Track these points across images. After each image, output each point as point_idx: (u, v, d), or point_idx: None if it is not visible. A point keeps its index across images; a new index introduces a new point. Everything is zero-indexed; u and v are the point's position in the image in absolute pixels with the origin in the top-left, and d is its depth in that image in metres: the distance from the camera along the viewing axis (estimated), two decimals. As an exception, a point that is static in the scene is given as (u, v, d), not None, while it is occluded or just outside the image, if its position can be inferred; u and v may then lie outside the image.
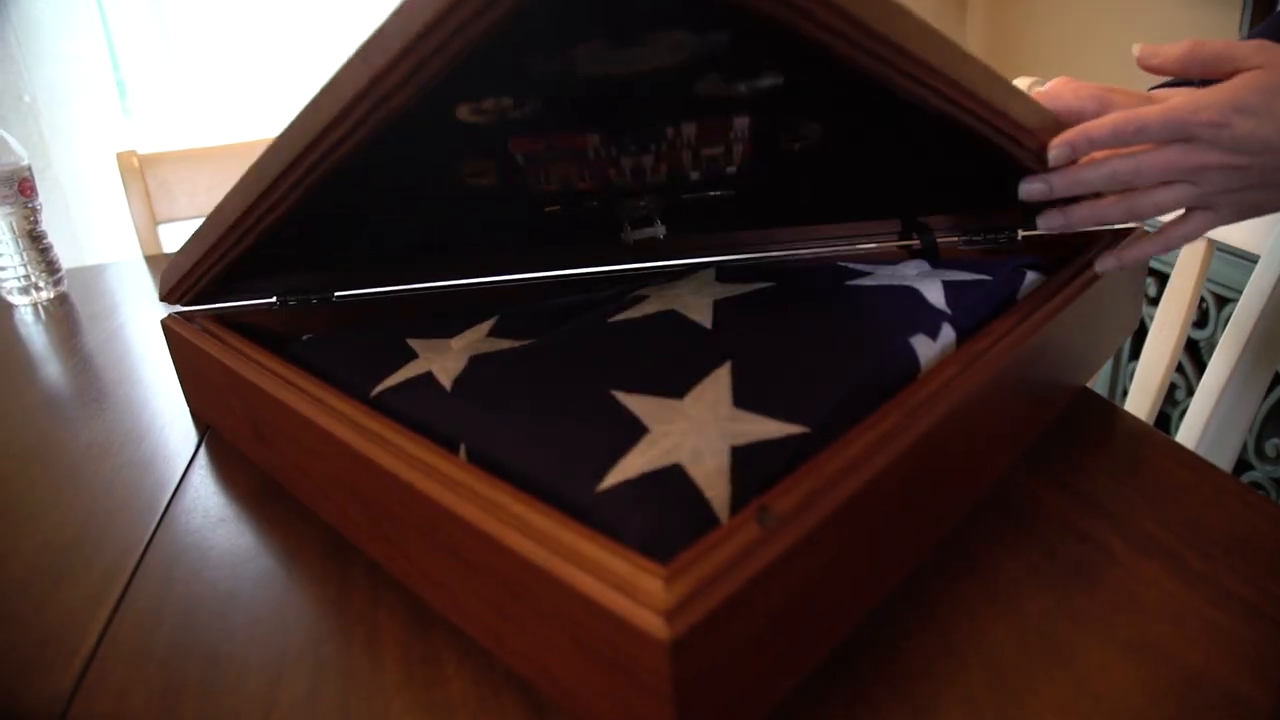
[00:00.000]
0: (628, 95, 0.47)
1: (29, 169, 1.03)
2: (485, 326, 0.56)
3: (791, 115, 0.54)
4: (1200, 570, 0.43)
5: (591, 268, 0.65)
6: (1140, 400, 0.87)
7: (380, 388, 0.51)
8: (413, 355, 0.54)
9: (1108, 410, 0.58)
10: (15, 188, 1.01)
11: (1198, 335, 1.38)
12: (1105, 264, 0.56)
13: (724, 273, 0.56)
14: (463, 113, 0.48)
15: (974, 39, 2.44)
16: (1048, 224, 0.55)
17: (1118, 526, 0.46)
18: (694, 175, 0.57)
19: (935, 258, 0.61)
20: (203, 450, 0.65)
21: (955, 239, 0.63)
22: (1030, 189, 0.53)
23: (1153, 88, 0.63)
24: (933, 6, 2.41)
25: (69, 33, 1.92)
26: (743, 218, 0.64)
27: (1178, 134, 0.48)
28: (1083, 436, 0.55)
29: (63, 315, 1.02)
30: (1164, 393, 0.87)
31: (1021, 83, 1.11)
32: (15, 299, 1.05)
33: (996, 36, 2.36)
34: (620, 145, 0.53)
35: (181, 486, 0.60)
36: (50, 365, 0.88)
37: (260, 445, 0.59)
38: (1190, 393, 1.45)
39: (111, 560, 0.52)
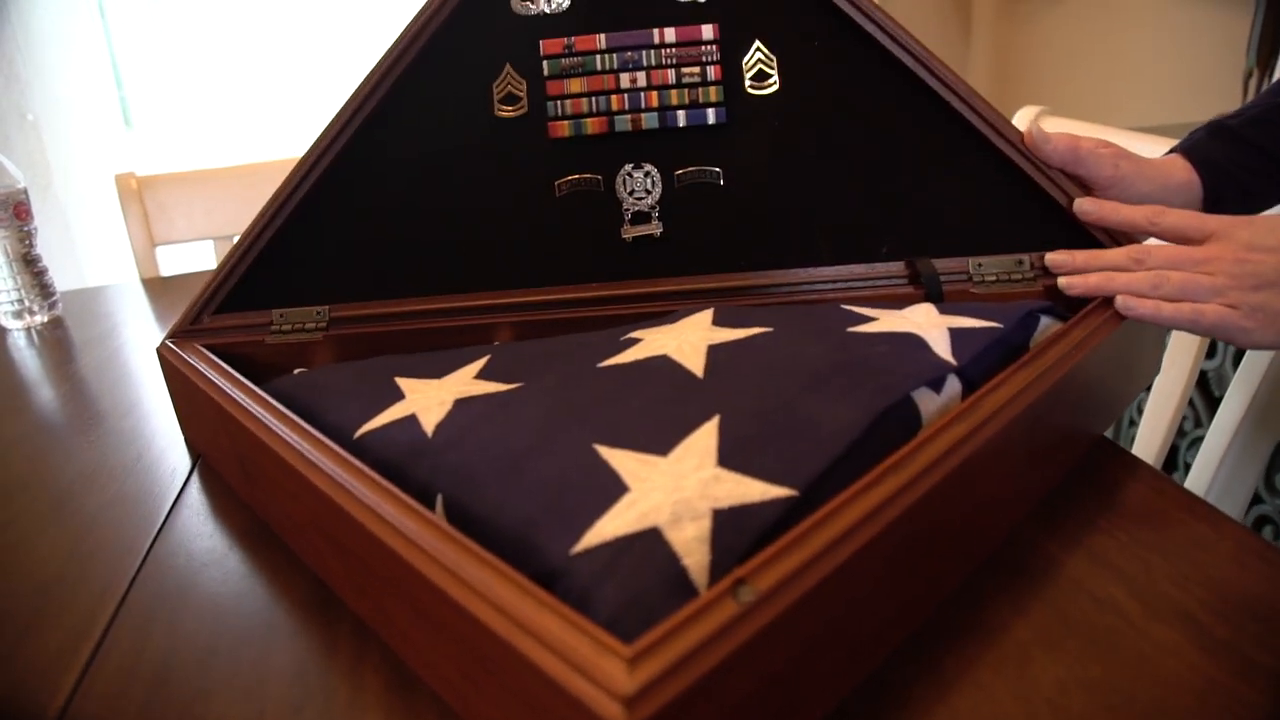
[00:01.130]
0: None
1: (24, 192, 1.02)
2: (474, 367, 0.54)
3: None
4: (1222, 637, 0.41)
5: (593, 280, 0.65)
6: (1151, 437, 0.86)
7: (364, 430, 0.50)
8: (399, 395, 0.52)
9: (1123, 459, 0.56)
10: (11, 211, 1.00)
11: (1207, 365, 1.36)
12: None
13: (721, 314, 0.55)
14: (514, 1, 0.62)
15: (978, 58, 2.43)
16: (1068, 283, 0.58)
17: (1134, 589, 0.44)
18: (680, 115, 0.63)
19: (941, 300, 0.60)
20: (193, 482, 0.63)
21: (965, 281, 0.61)
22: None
23: (1167, 152, 0.64)
24: (937, 26, 2.41)
25: (72, 50, 1.92)
26: (736, 231, 0.64)
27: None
28: (1097, 489, 0.53)
29: (56, 339, 1.00)
30: (1175, 427, 0.85)
31: (1027, 112, 1.10)
32: (8, 323, 1.04)
33: (1001, 56, 2.36)
34: (620, 49, 0.62)
35: (167, 524, 0.58)
36: (42, 391, 0.86)
37: (247, 483, 0.58)
38: (1198, 423, 1.43)
39: (88, 606, 0.50)
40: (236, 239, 1.27)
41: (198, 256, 1.39)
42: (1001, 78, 2.37)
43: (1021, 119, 1.09)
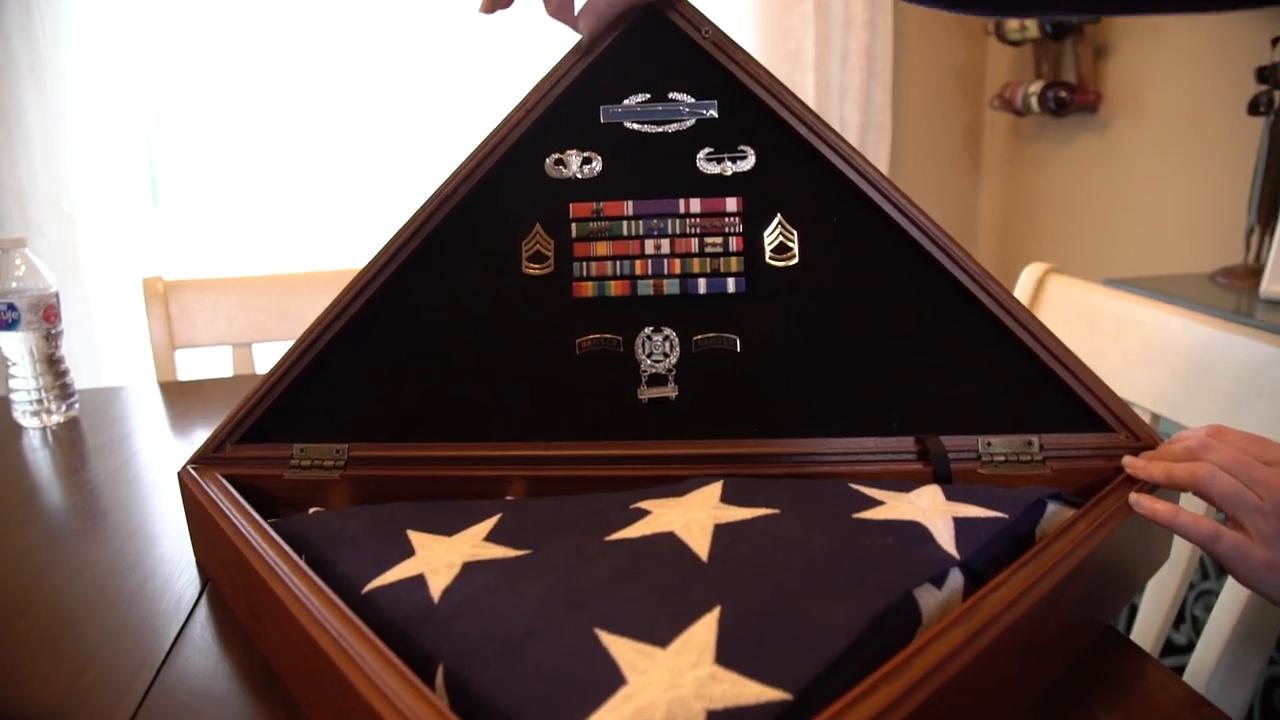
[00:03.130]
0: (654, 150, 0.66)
1: (55, 295, 1.05)
2: (485, 527, 0.55)
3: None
4: None
5: (607, 438, 0.66)
6: (1155, 610, 0.85)
7: (372, 586, 0.51)
8: (409, 551, 0.53)
9: (1129, 653, 0.56)
10: (41, 314, 1.03)
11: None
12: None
13: (730, 487, 0.56)
14: (547, 164, 0.66)
15: (987, 203, 2.50)
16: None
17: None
18: (700, 282, 0.65)
19: (949, 481, 0.61)
20: (200, 610, 0.63)
21: (974, 460, 0.62)
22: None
23: None
24: (948, 172, 2.48)
25: (112, 145, 1.99)
26: (749, 398, 0.66)
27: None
28: (1100, 682, 0.53)
29: (71, 442, 1.01)
30: (1181, 597, 0.85)
31: (1034, 270, 1.13)
32: (25, 421, 1.05)
33: (1010, 198, 2.42)
34: (646, 217, 0.65)
35: (168, 661, 0.58)
36: (53, 499, 0.87)
37: (253, 620, 0.58)
38: (1205, 574, 1.42)
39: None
40: (255, 347, 1.31)
41: (214, 360, 1.41)
42: (1010, 219, 2.43)
43: (1029, 277, 1.12)
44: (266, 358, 1.08)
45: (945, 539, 0.50)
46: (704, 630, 0.41)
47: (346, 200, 2.17)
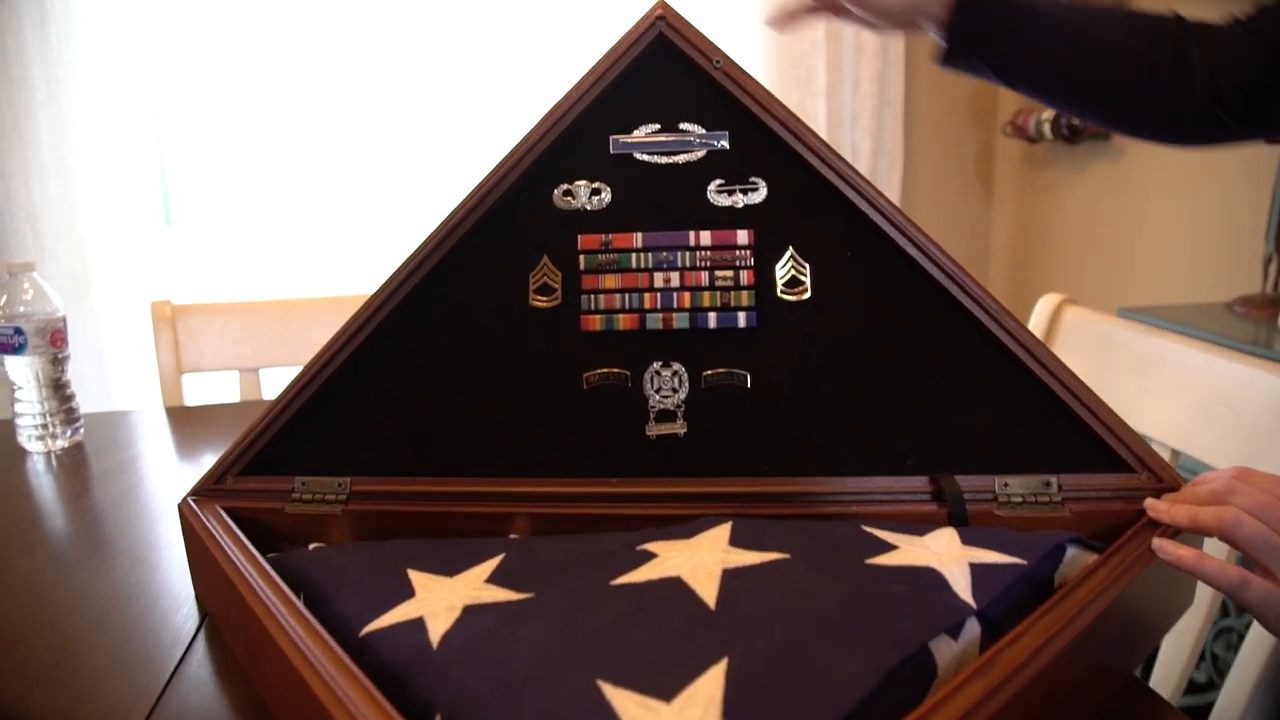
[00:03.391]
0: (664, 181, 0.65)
1: (63, 320, 1.04)
2: (488, 567, 0.54)
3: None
4: None
5: (614, 474, 0.65)
6: (1175, 654, 0.83)
7: (370, 628, 0.50)
8: (409, 592, 0.52)
9: (1149, 702, 0.54)
10: (47, 338, 1.02)
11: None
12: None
13: (738, 532, 0.54)
14: (556, 195, 0.65)
15: (999, 227, 2.48)
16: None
17: None
18: (711, 316, 0.64)
19: (965, 523, 0.59)
20: (198, 645, 0.62)
21: (990, 501, 0.61)
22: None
23: None
24: (960, 199, 2.47)
25: (125, 167, 2.00)
26: (760, 435, 0.65)
27: None
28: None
29: (75, 467, 1.01)
30: (1204, 641, 0.82)
31: (1049, 301, 1.11)
32: (30, 445, 1.05)
33: (1022, 225, 2.41)
34: (656, 249, 0.64)
35: (165, 696, 0.57)
36: (56, 524, 0.86)
37: (250, 657, 0.57)
38: (1226, 611, 1.39)
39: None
40: (262, 372, 1.30)
41: (222, 385, 1.40)
42: (1022, 246, 2.42)
43: (1043, 308, 1.11)
44: (274, 383, 1.08)
45: (961, 586, 0.48)
46: (710, 683, 0.40)
47: (360, 222, 2.17)
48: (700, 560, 0.50)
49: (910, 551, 0.51)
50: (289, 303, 1.31)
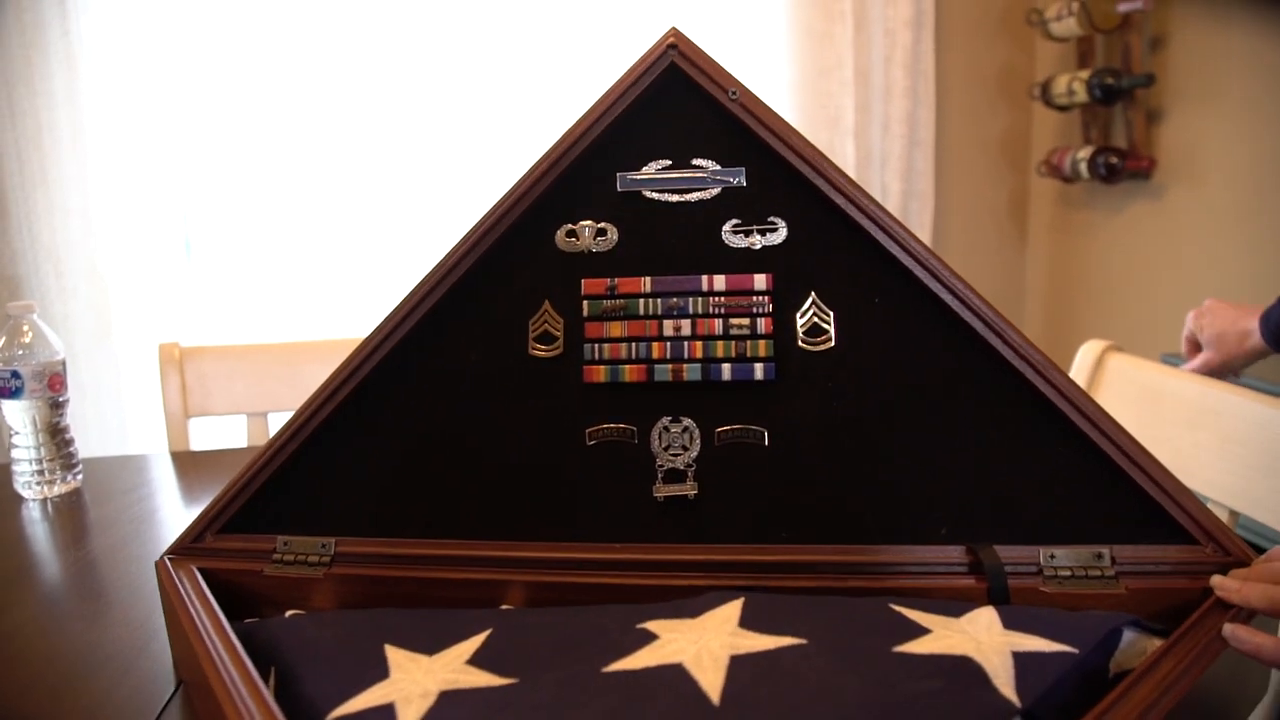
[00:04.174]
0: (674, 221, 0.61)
1: (62, 364, 1.02)
2: (471, 645, 0.49)
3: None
4: None
5: (617, 540, 0.60)
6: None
7: (337, 713, 0.45)
8: (384, 673, 0.48)
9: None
10: (45, 382, 1.00)
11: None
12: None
13: (751, 607, 0.49)
14: (558, 236, 0.61)
15: (1034, 273, 2.42)
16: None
17: None
18: (725, 368, 0.59)
19: (1006, 600, 0.53)
20: (172, 712, 0.58)
21: (1035, 575, 0.55)
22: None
23: None
24: (993, 241, 2.41)
25: (146, 205, 2.01)
26: (777, 498, 0.60)
27: None
28: None
29: (71, 514, 0.98)
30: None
31: (1092, 348, 1.05)
32: (25, 491, 1.02)
33: (1057, 268, 2.34)
34: (665, 294, 0.60)
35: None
36: (42, 575, 0.84)
37: (219, 737, 0.52)
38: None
39: None
40: (270, 416, 1.27)
41: (230, 429, 1.37)
42: (1058, 290, 2.35)
43: (1086, 356, 1.04)
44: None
45: (1003, 680, 0.42)
46: None
47: (384, 255, 2.16)
48: (705, 644, 0.45)
49: (945, 637, 0.46)
50: (299, 345, 1.28)
